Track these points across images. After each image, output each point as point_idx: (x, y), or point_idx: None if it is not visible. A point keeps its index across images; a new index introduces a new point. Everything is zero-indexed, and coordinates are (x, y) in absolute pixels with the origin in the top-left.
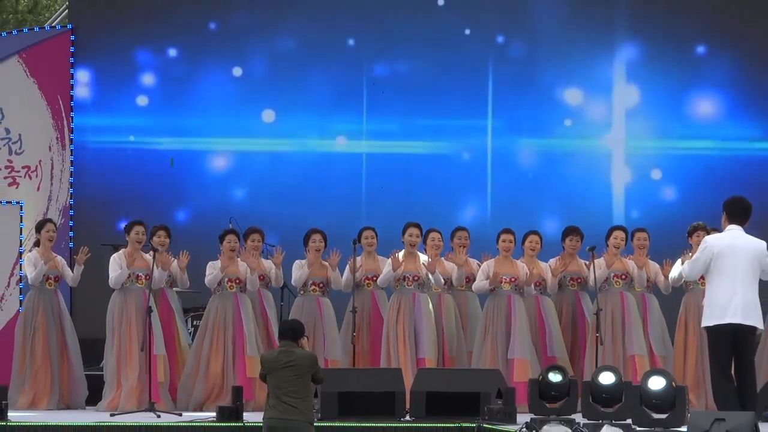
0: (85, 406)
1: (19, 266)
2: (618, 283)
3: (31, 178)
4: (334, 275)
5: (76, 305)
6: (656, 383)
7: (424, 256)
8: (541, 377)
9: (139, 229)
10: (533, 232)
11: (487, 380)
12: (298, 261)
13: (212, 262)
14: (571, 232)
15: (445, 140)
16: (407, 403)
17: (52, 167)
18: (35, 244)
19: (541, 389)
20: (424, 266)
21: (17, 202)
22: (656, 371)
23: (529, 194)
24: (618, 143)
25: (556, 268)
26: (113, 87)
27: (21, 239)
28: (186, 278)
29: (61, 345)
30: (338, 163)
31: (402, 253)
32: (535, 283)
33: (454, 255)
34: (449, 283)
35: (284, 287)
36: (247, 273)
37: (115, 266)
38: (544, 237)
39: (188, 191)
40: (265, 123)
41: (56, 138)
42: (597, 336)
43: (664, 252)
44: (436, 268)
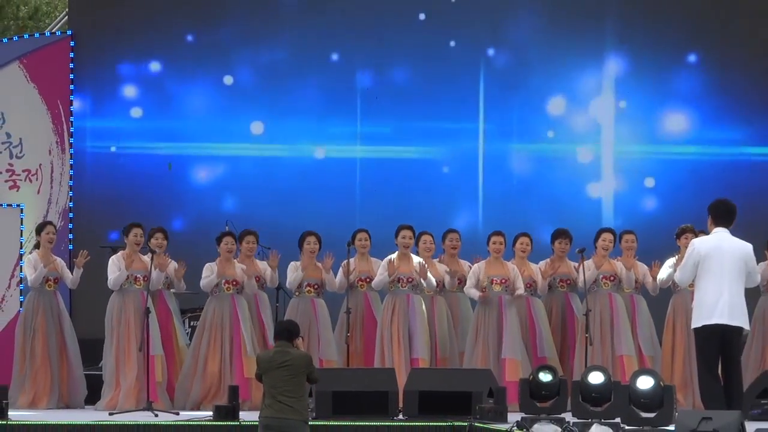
0: (84, 405)
1: (20, 268)
2: (606, 285)
3: (31, 181)
4: (328, 277)
5: (75, 306)
6: (644, 383)
7: (417, 258)
8: (531, 377)
9: (137, 231)
10: (523, 234)
11: (478, 380)
12: (292, 263)
13: (209, 264)
14: (560, 234)
15: (437, 146)
16: (400, 403)
17: (52, 171)
18: (35, 246)
19: (532, 389)
20: (415, 272)
21: (18, 205)
22: (644, 371)
23: (520, 198)
24: (606, 149)
25: (545, 271)
26: (111, 93)
27: (21, 241)
28: (183, 285)
29: (60, 345)
30: (332, 168)
31: (396, 255)
32: (525, 285)
33: (446, 259)
34: (441, 285)
35: (279, 288)
36: (244, 278)
37: (114, 268)
38: (535, 240)
39: (185, 195)
40: (259, 129)
41: (56, 142)
42: (586, 336)
43: (651, 254)
44: (428, 273)
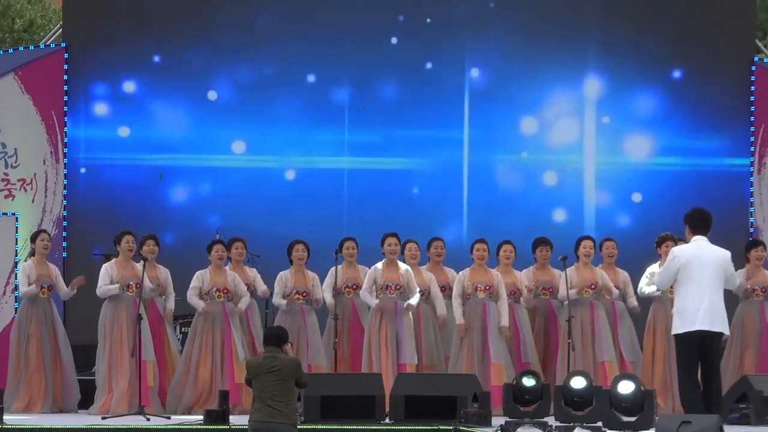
0: (78, 409)
1: (15, 275)
2: (588, 293)
3: (26, 190)
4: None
5: (68, 313)
6: (625, 387)
7: (403, 265)
8: (515, 382)
9: (129, 238)
10: (506, 242)
11: (463, 385)
12: (280, 275)
13: (199, 272)
14: (540, 242)
15: (423, 157)
16: (387, 407)
17: (46, 180)
18: (30, 254)
19: (516, 393)
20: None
21: (13, 214)
22: (625, 376)
23: (505, 208)
24: (589, 159)
25: (528, 287)
26: (104, 105)
27: (16, 249)
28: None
29: (54, 351)
30: (320, 178)
31: (382, 262)
32: (509, 292)
33: (431, 266)
34: (427, 293)
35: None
36: (233, 286)
37: (105, 277)
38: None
39: (177, 204)
40: (244, 143)
41: (50, 152)
42: (569, 342)
43: (632, 261)
44: (415, 300)
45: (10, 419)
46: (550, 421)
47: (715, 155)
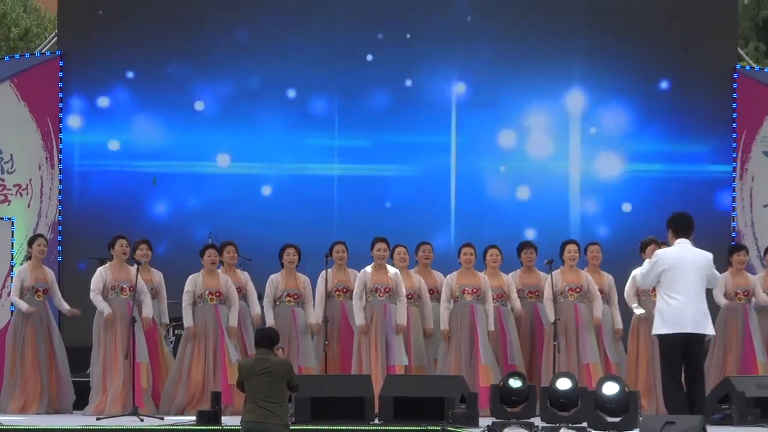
0: (73, 410)
1: (10, 279)
2: (572, 296)
3: (21, 195)
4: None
5: (64, 315)
6: (610, 389)
7: (392, 269)
8: (502, 383)
9: (122, 242)
10: (492, 247)
11: (451, 386)
12: (271, 278)
13: (192, 275)
14: (525, 246)
15: (411, 163)
16: (376, 408)
17: (41, 185)
18: (26, 258)
19: (502, 394)
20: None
21: (9, 219)
22: (610, 377)
23: (491, 212)
24: (574, 168)
25: (517, 309)
26: (99, 111)
27: (12, 253)
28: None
29: (49, 353)
30: (311, 184)
31: (371, 266)
32: (496, 295)
33: (420, 270)
34: (416, 296)
35: (260, 298)
36: (227, 289)
37: (99, 281)
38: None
39: (169, 209)
40: (240, 148)
41: (46, 158)
42: (555, 344)
43: (618, 265)
44: (403, 312)
45: (6, 420)
46: (537, 421)
47: (698, 162)
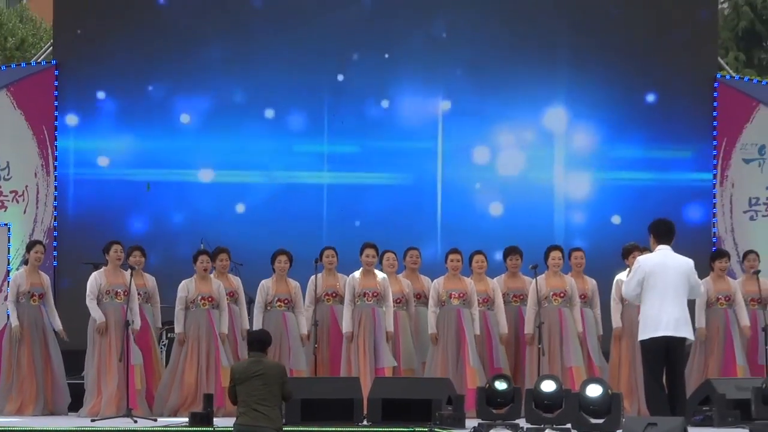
0: (68, 412)
1: (7, 284)
2: (557, 300)
3: (18, 202)
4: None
5: (59, 319)
6: (593, 391)
7: (381, 273)
8: (488, 385)
9: (117, 248)
10: (478, 252)
11: (438, 388)
12: (262, 283)
13: (185, 281)
14: (511, 251)
15: (398, 172)
16: (365, 409)
17: (37, 192)
18: (23, 262)
19: (488, 396)
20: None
21: (5, 224)
22: (593, 380)
23: (477, 219)
24: (558, 176)
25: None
26: (93, 120)
27: (9, 258)
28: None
29: (44, 356)
30: (301, 193)
31: (360, 271)
32: (482, 300)
33: (408, 274)
34: (404, 300)
35: (251, 302)
36: (219, 294)
37: (94, 286)
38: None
39: (163, 215)
40: (234, 155)
41: (41, 165)
42: (539, 347)
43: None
44: (392, 335)
45: (2, 421)
46: (522, 423)
47: (679, 169)
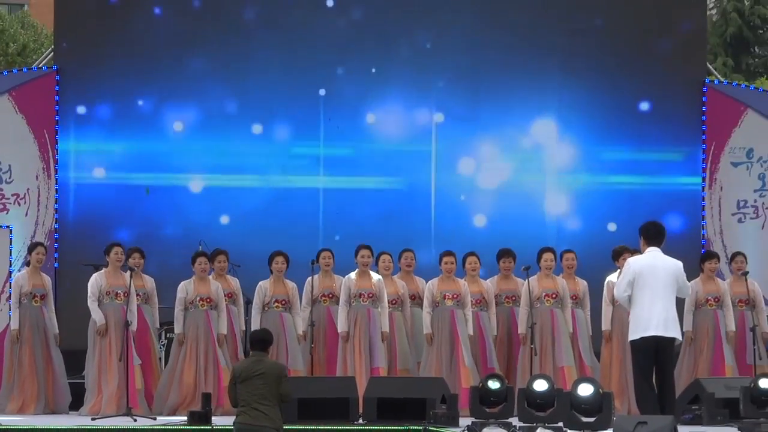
0: (69, 410)
1: (9, 285)
2: (549, 301)
3: (20, 204)
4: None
5: (60, 319)
6: (585, 390)
7: (376, 275)
8: (481, 384)
9: (117, 249)
10: (471, 254)
11: (432, 387)
12: (260, 284)
13: (184, 282)
14: (504, 254)
15: (393, 176)
16: (360, 408)
17: (38, 195)
18: (25, 264)
19: (482, 395)
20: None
21: (7, 227)
22: (585, 379)
23: (470, 223)
24: (550, 179)
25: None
26: (93, 124)
27: (11, 260)
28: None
29: (46, 356)
30: (298, 196)
31: (355, 272)
32: (475, 301)
33: (402, 275)
34: (399, 301)
35: (248, 303)
36: (218, 295)
37: (95, 288)
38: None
39: (162, 218)
40: (234, 160)
41: (42, 168)
42: (531, 347)
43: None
44: (388, 336)
45: (4, 420)
46: (514, 421)
47: (669, 173)
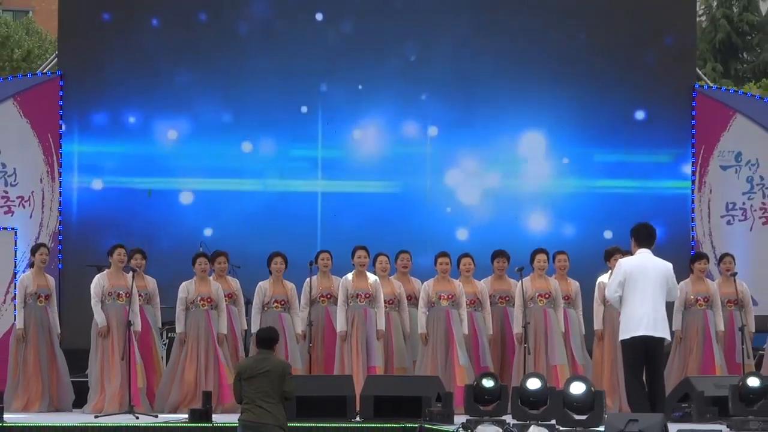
0: (72, 408)
1: (14, 285)
2: (542, 301)
3: (24, 207)
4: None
5: (63, 319)
6: (577, 388)
7: (372, 276)
8: (475, 383)
9: (120, 251)
10: (465, 255)
11: (428, 386)
12: (259, 285)
13: (185, 283)
14: (498, 254)
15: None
16: (357, 406)
17: (43, 197)
18: (30, 265)
19: (476, 394)
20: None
21: (12, 228)
22: (577, 377)
23: (464, 226)
24: (543, 183)
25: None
26: (96, 128)
27: (15, 261)
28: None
29: (50, 355)
30: (296, 200)
31: (352, 273)
32: (469, 301)
33: (399, 276)
34: (395, 301)
35: (249, 303)
36: (218, 295)
37: (97, 289)
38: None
39: (163, 220)
40: (233, 164)
41: (47, 171)
42: (525, 346)
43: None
44: (383, 334)
45: (9, 418)
46: (508, 419)
47: (659, 176)
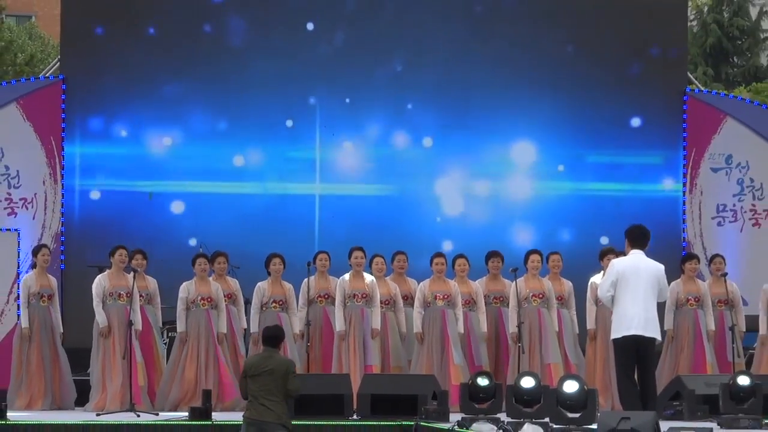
0: (75, 407)
1: (17, 285)
2: (536, 301)
3: (27, 208)
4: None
5: (66, 319)
6: (570, 387)
7: (369, 276)
8: (470, 382)
9: (122, 252)
10: (460, 256)
11: (424, 384)
12: (258, 285)
13: (185, 283)
14: (492, 255)
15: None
16: (354, 404)
17: (45, 199)
18: (32, 266)
19: (471, 392)
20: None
21: (15, 230)
22: (570, 376)
23: (460, 228)
24: (538, 186)
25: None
26: (98, 132)
27: (18, 262)
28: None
29: (52, 354)
30: (294, 202)
31: (349, 274)
32: (464, 301)
33: (395, 277)
34: (392, 302)
35: (248, 303)
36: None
37: (99, 290)
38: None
39: (164, 223)
40: (233, 168)
41: (49, 174)
42: (519, 346)
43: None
44: (379, 332)
45: (13, 416)
46: (503, 417)
47: (651, 178)
